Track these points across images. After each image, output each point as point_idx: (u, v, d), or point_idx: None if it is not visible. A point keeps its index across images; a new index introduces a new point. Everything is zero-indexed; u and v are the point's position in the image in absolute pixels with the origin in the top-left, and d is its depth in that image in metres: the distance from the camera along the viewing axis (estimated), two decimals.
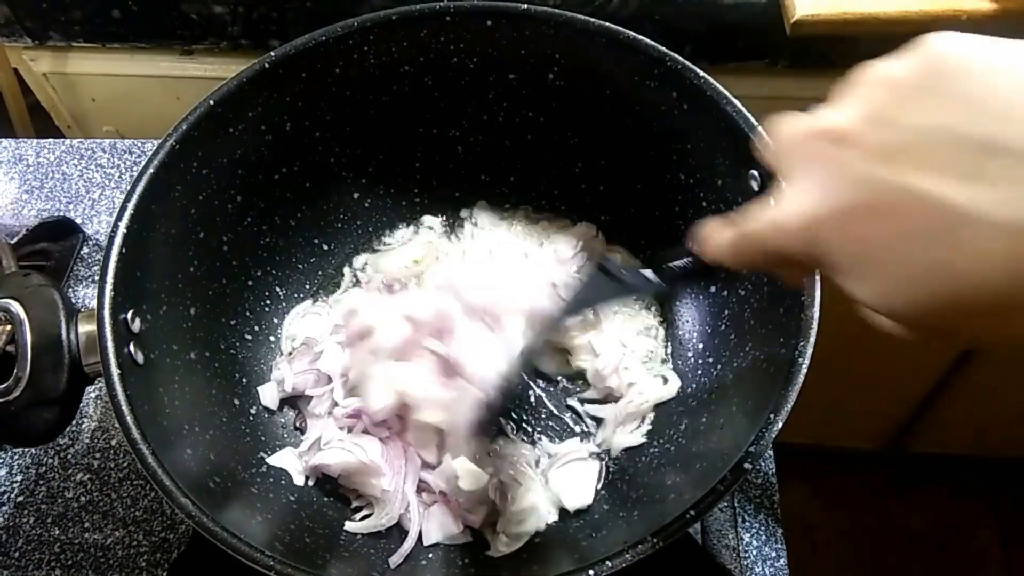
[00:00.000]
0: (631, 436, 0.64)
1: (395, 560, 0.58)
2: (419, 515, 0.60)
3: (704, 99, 0.57)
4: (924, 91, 0.28)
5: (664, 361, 0.68)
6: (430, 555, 0.59)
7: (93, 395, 0.73)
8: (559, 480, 0.62)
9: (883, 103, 0.29)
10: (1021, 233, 0.26)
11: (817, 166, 0.31)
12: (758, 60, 0.82)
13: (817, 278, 0.50)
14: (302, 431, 0.66)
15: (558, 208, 0.74)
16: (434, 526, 0.60)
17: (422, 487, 0.61)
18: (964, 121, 0.27)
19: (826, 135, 0.31)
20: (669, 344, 0.68)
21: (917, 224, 0.28)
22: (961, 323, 0.29)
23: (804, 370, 0.49)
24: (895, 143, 0.28)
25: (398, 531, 0.60)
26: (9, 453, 0.70)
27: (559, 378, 0.68)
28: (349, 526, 0.60)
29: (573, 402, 0.67)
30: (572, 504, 0.60)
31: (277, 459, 0.62)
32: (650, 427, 0.64)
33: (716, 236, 0.39)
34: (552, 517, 0.60)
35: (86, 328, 0.51)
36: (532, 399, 0.67)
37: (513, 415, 0.66)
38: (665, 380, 0.66)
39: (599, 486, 0.62)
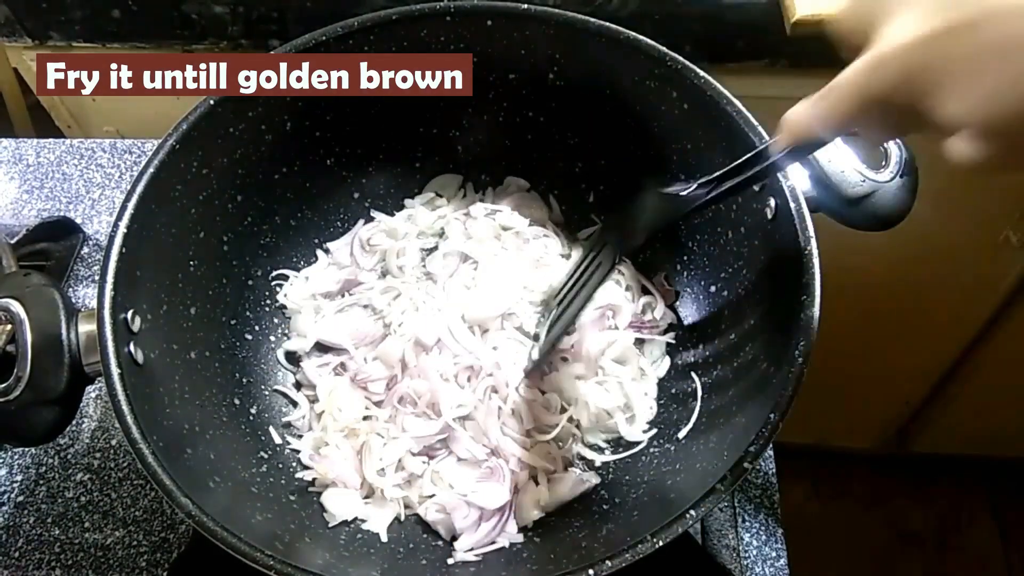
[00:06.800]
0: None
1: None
2: None
3: (704, 99, 0.57)
4: None
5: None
6: (431, 554, 0.59)
7: (93, 395, 0.73)
8: None
9: None
10: None
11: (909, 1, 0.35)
12: (758, 60, 0.82)
13: (817, 275, 0.50)
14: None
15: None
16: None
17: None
18: None
19: None
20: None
21: (1005, 34, 0.32)
22: None
23: (804, 370, 0.49)
24: None
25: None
26: (9, 453, 0.70)
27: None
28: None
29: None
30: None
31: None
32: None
33: (801, 109, 0.41)
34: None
35: (86, 328, 0.51)
36: None
37: None
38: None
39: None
